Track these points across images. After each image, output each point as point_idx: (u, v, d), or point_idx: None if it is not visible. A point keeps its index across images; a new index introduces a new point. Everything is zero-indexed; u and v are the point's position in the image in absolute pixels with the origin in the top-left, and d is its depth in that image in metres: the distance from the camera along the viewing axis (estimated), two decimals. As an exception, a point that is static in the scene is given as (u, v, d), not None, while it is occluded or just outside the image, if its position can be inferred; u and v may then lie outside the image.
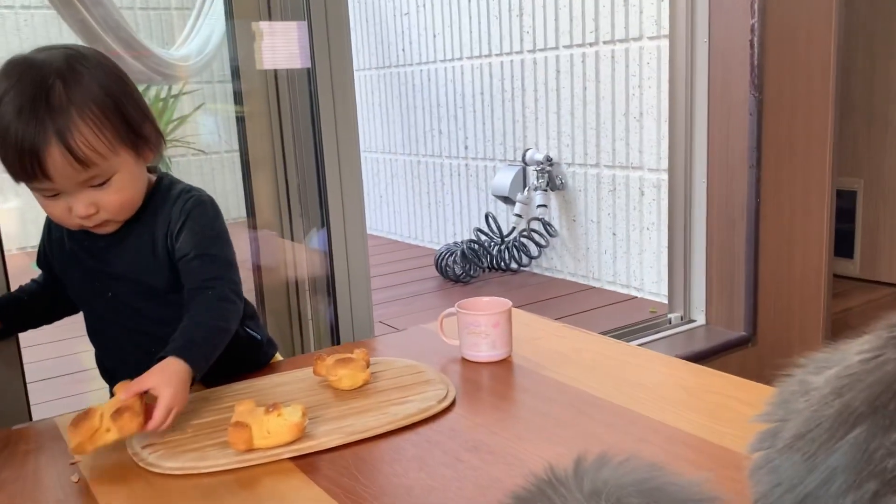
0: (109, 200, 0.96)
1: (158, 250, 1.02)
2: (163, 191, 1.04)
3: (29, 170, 0.90)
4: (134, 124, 0.96)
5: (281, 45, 1.65)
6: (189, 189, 1.06)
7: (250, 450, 0.87)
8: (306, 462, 0.86)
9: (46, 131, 0.89)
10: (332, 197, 1.69)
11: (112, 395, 0.95)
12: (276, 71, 1.66)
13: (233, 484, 0.83)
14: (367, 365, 1.07)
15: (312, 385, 1.06)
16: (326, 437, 0.90)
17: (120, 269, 1.03)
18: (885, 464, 0.49)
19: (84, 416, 0.87)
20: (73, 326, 1.13)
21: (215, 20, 2.99)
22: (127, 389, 0.88)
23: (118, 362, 1.11)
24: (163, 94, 3.98)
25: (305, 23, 1.64)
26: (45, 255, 1.12)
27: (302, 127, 1.68)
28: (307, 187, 1.70)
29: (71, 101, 0.90)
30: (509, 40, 3.29)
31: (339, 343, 1.71)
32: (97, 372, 1.14)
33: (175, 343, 0.94)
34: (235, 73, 1.70)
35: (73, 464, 0.89)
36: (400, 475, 0.82)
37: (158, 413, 0.87)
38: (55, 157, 0.89)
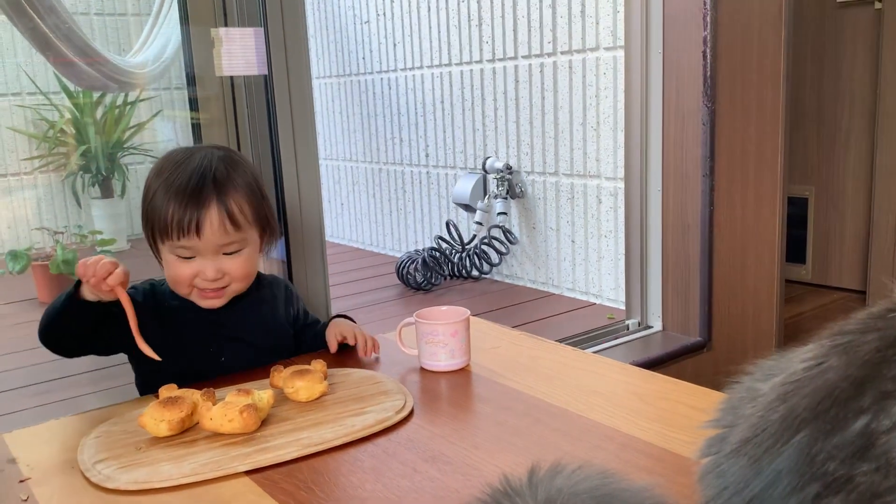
0: (236, 268, 1.13)
1: (280, 316, 1.26)
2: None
3: (186, 226, 1.07)
4: (268, 211, 1.17)
5: (238, 52, 1.64)
6: (270, 275, 1.34)
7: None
8: (262, 475, 0.85)
9: (210, 195, 1.08)
10: (289, 205, 1.68)
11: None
12: (232, 78, 1.65)
13: (188, 498, 0.82)
14: (325, 376, 1.06)
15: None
16: (283, 449, 0.89)
17: (244, 332, 1.20)
18: (826, 467, 0.50)
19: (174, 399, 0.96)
20: (28, 339, 1.10)
21: (172, 27, 2.95)
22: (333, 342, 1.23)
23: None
24: (119, 102, 3.92)
25: (262, 29, 1.63)
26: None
27: (259, 134, 1.67)
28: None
29: (230, 178, 1.11)
30: (468, 50, 3.31)
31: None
32: (49, 385, 1.12)
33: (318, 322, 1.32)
34: (192, 80, 1.68)
35: (22, 481, 0.87)
36: (357, 487, 0.82)
37: (367, 343, 1.22)
38: (213, 217, 1.08)
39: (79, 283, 1.06)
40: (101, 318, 1.08)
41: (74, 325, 1.08)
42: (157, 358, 1.03)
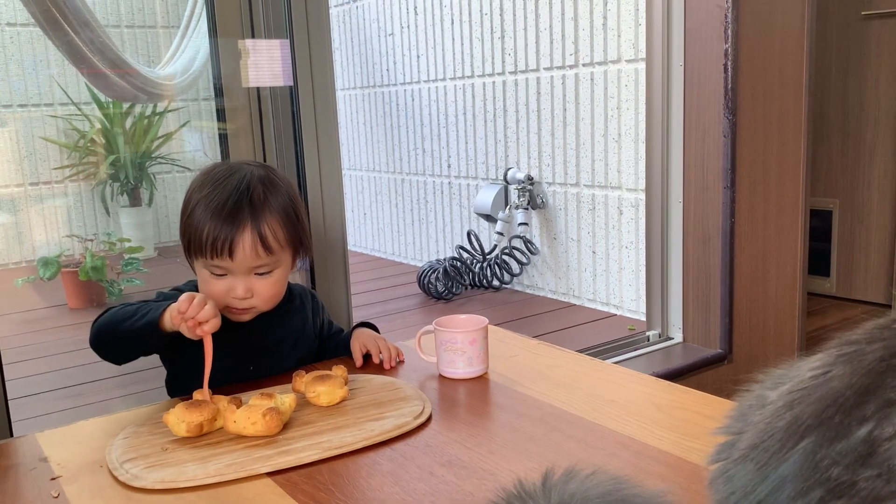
0: (265, 289, 1.16)
1: (309, 327, 1.29)
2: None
3: (220, 247, 1.10)
4: (301, 233, 1.19)
5: (264, 64, 1.67)
6: (298, 285, 1.35)
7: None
8: (284, 477, 0.88)
9: (245, 219, 1.11)
10: (313, 215, 1.71)
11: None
12: (259, 89, 1.68)
13: (211, 498, 0.84)
14: (346, 382, 1.09)
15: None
16: (304, 452, 0.91)
17: (273, 342, 1.23)
18: (830, 472, 0.51)
19: (196, 402, 0.99)
20: (58, 344, 1.14)
21: (200, 39, 3.01)
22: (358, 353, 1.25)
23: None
24: (148, 112, 3.99)
25: (288, 41, 1.66)
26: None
27: (284, 144, 1.70)
28: (289, 206, 1.72)
29: (266, 201, 1.13)
30: (491, 62, 3.34)
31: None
32: (79, 389, 1.17)
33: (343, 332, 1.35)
34: (219, 91, 1.72)
35: (53, 479, 0.90)
36: (375, 490, 0.84)
37: (391, 356, 1.24)
38: (246, 241, 1.11)
39: (162, 311, 1.08)
40: (169, 341, 1.12)
41: (142, 346, 1.14)
42: (211, 402, 1.03)
